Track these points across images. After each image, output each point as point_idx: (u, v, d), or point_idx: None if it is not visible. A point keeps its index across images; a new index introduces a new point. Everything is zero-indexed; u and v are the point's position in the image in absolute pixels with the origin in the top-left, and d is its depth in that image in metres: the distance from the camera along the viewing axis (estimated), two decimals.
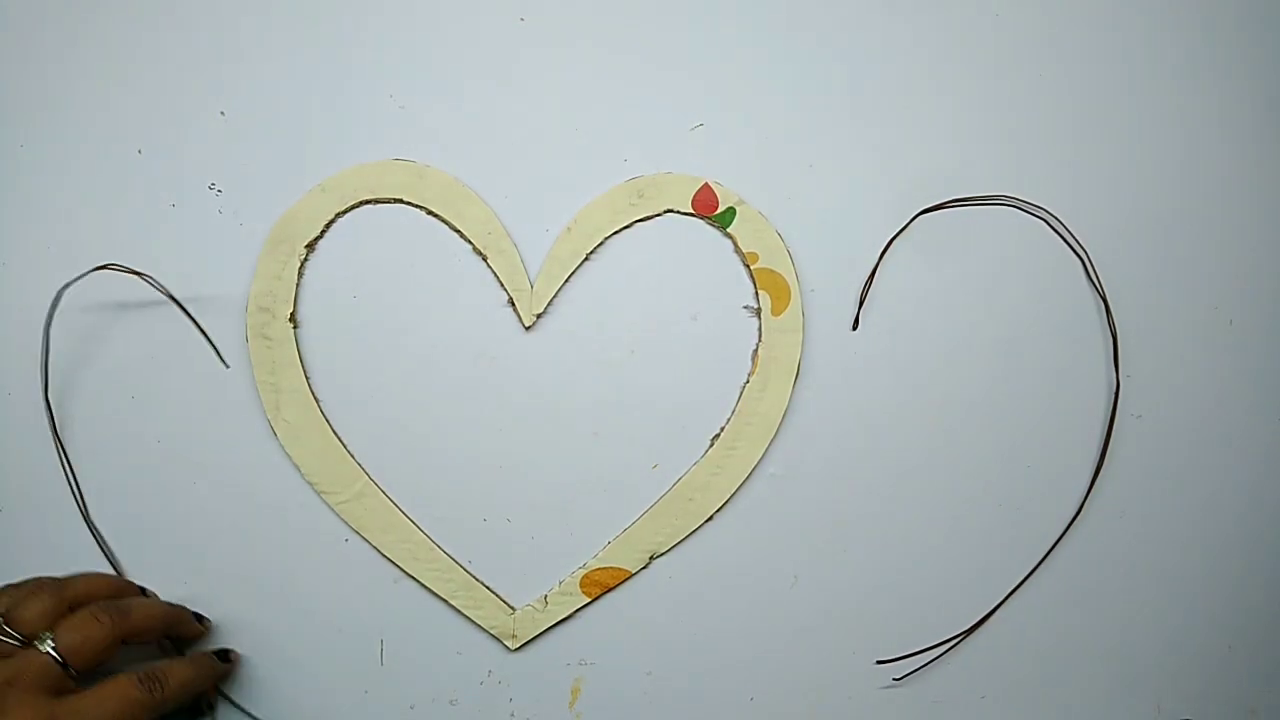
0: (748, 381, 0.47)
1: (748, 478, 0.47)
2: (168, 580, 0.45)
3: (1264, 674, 0.49)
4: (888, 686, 0.47)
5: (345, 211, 0.46)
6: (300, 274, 0.46)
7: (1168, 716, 0.49)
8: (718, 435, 0.47)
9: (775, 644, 0.47)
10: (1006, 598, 0.48)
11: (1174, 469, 0.49)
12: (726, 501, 0.47)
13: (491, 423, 0.46)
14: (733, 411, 0.47)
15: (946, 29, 0.49)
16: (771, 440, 0.47)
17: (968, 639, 0.48)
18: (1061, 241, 0.49)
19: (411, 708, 0.45)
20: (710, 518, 0.47)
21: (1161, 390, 0.49)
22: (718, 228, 0.47)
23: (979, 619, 0.48)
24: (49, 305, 0.44)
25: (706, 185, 0.47)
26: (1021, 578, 0.48)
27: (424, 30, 0.47)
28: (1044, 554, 0.48)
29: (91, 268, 0.44)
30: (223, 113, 0.47)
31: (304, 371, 0.46)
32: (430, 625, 0.46)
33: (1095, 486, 0.48)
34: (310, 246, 0.46)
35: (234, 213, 0.46)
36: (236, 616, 0.45)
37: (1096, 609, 0.48)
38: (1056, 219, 0.49)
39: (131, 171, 0.46)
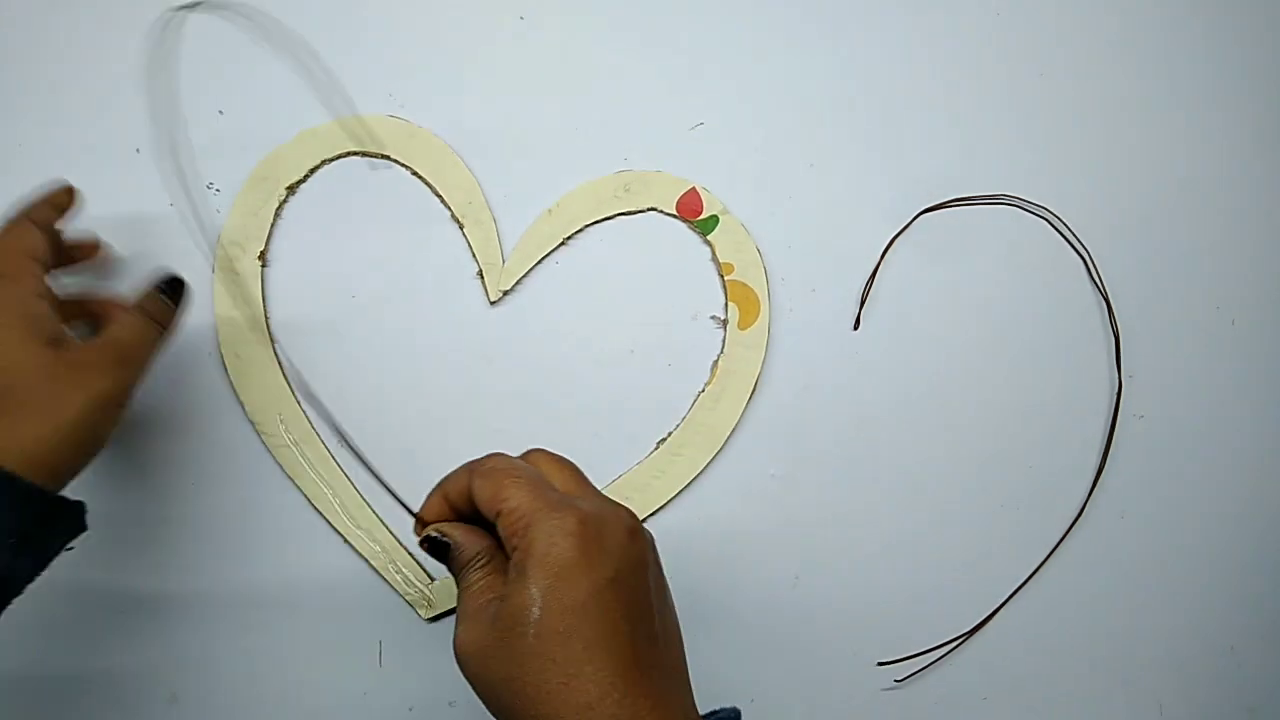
0: (703, 390, 0.46)
1: (687, 486, 0.46)
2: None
3: (1264, 674, 0.49)
4: (889, 688, 0.47)
5: (332, 159, 0.46)
6: (278, 214, 0.46)
7: (1169, 717, 0.49)
8: (664, 440, 0.46)
9: (775, 644, 0.47)
10: (1008, 599, 0.48)
11: (1176, 469, 0.49)
12: (663, 506, 0.46)
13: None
14: (683, 419, 0.46)
15: (947, 29, 0.49)
16: (717, 453, 0.46)
17: (969, 640, 0.47)
18: (1063, 241, 0.49)
19: (411, 709, 0.45)
20: (644, 520, 0.46)
21: (1163, 390, 0.49)
22: (698, 233, 0.47)
23: (981, 620, 0.47)
24: None
25: (694, 189, 0.47)
26: (1023, 579, 0.48)
27: (424, 30, 0.47)
28: (1046, 555, 0.48)
29: None
30: (221, 112, 0.47)
31: (265, 310, 0.45)
32: (429, 626, 0.46)
33: (1097, 487, 0.48)
34: (292, 189, 0.46)
35: None
36: (234, 615, 0.45)
37: (1098, 609, 0.48)
38: (1057, 218, 0.49)
39: (131, 171, 0.46)
